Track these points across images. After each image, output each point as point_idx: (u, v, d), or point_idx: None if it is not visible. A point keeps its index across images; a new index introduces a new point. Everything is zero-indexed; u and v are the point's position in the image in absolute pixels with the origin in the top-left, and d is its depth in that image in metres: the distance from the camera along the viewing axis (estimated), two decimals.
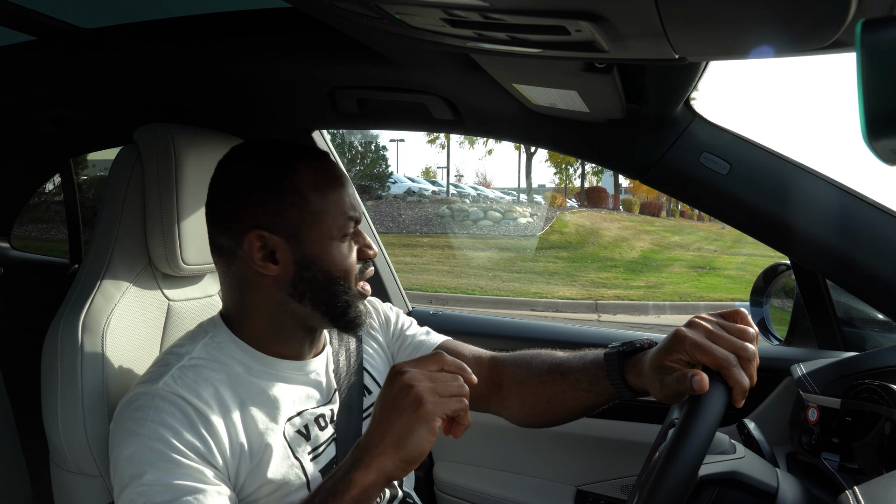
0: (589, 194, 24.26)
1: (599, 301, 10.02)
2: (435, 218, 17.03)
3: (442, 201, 19.03)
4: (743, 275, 12.75)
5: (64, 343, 1.04)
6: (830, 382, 1.18)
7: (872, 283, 1.17)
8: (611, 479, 1.60)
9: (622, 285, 11.62)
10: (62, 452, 1.03)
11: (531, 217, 17.02)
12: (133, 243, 1.17)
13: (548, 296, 10.39)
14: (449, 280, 11.10)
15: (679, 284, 11.76)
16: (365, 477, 0.81)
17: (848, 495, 0.72)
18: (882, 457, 1.02)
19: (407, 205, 18.62)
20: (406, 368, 0.85)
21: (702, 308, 9.68)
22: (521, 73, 1.06)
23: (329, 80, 1.39)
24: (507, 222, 16.49)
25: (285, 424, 0.99)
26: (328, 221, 1.00)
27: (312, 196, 0.99)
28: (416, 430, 0.80)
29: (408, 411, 0.80)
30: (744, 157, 1.23)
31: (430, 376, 0.83)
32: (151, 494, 0.84)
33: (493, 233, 15.89)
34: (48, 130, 1.71)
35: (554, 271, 12.79)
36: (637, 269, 13.41)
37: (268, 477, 0.93)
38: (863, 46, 0.43)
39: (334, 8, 0.86)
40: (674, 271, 13.21)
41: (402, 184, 21.33)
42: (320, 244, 0.99)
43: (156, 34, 1.34)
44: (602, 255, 14.54)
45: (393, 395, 0.82)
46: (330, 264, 1.00)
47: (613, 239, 16.18)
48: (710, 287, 11.53)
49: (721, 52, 0.85)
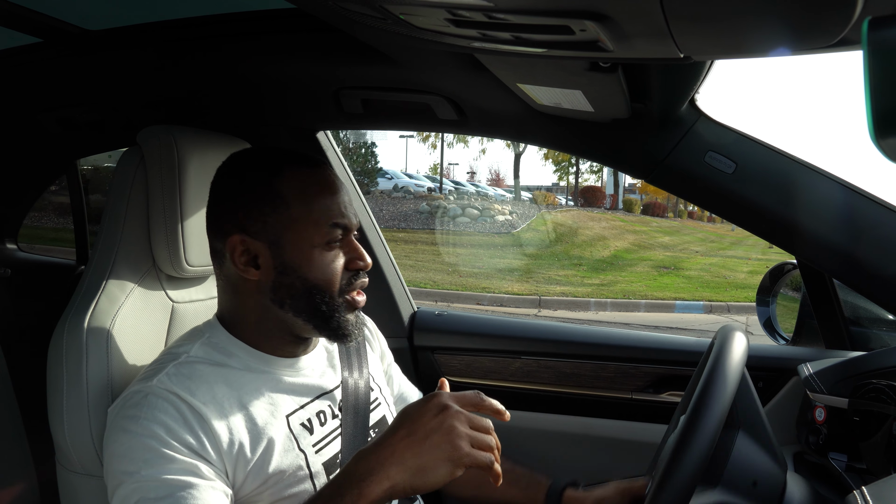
0: (584, 193, 24.22)
1: (543, 297, 10.15)
2: (414, 214, 17.18)
3: (424, 198, 19.08)
4: (702, 275, 12.98)
5: (69, 345, 1.04)
6: (838, 382, 1.18)
7: (879, 282, 1.16)
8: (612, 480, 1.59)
9: (575, 283, 11.77)
10: (67, 453, 1.03)
11: (510, 215, 17.13)
12: (137, 245, 1.18)
13: (495, 290, 10.53)
14: (408, 273, 11.16)
15: (632, 283, 11.86)
16: (375, 491, 0.82)
17: (856, 495, 0.72)
18: (890, 457, 1.01)
19: (391, 200, 18.76)
20: (449, 403, 0.85)
21: (642, 306, 9.92)
22: (526, 72, 1.06)
23: (333, 80, 1.39)
24: (485, 219, 16.62)
25: (287, 419, 1.00)
26: (310, 228, 0.99)
27: (295, 202, 0.99)
28: (439, 469, 0.82)
29: (439, 450, 0.82)
30: (749, 155, 1.22)
31: (470, 419, 0.85)
32: (145, 490, 0.85)
33: (468, 229, 16.01)
34: (54, 132, 1.71)
35: (515, 268, 12.91)
36: (601, 267, 13.53)
37: (270, 471, 0.94)
38: (869, 44, 0.42)
39: (338, 9, 0.87)
40: (636, 270, 13.32)
41: (397, 179, 21.33)
42: (301, 251, 0.99)
43: (161, 35, 1.34)
44: (571, 254, 14.70)
45: (430, 427, 0.83)
46: (309, 272, 0.99)
47: (590, 238, 16.32)
48: (660, 286, 11.64)
49: (726, 51, 0.85)
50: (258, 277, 0.99)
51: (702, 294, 10.93)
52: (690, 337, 1.68)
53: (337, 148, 1.75)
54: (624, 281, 12.11)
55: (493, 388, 1.69)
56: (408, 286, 1.85)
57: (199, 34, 1.33)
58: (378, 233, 1.80)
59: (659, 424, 1.50)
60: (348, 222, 1.02)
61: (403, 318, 1.78)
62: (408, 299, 1.82)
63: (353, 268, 1.02)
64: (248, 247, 0.99)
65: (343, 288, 1.01)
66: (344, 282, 1.01)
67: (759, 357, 1.47)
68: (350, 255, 1.02)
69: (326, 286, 1.00)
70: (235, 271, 1.00)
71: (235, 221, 1.00)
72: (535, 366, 1.66)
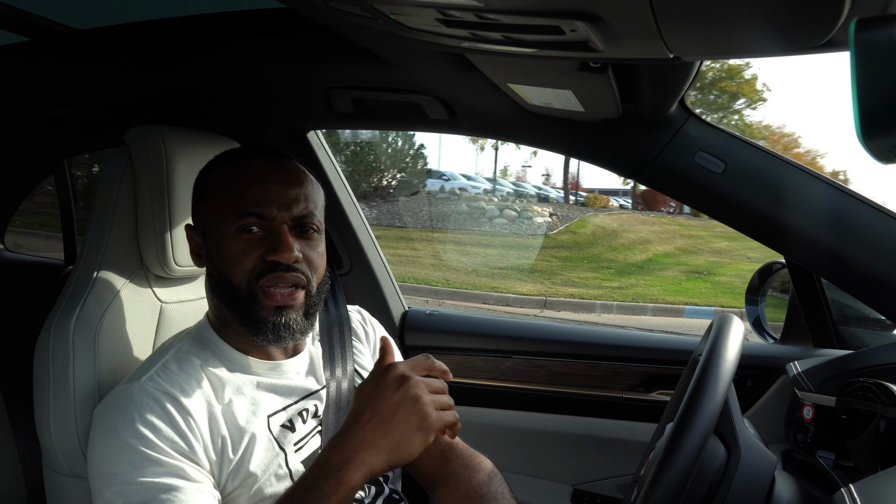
0: (644, 196, 23.76)
1: (550, 298, 10.14)
2: (453, 214, 17.11)
3: (469, 199, 18.99)
4: (733, 281, 12.68)
5: (56, 345, 1.03)
6: (825, 380, 1.19)
7: (867, 281, 1.17)
8: (607, 478, 1.60)
9: (591, 285, 11.61)
10: (54, 454, 1.03)
11: (550, 217, 16.99)
12: (125, 245, 1.17)
13: (504, 290, 10.49)
14: (426, 272, 11.16)
15: (650, 287, 11.72)
16: (354, 478, 0.82)
17: (843, 493, 0.72)
18: (877, 454, 1.02)
19: (436, 201, 18.71)
20: (406, 373, 0.86)
21: (649, 310, 9.88)
22: (517, 72, 1.06)
23: (324, 80, 1.39)
24: (522, 221, 16.49)
25: (268, 419, 1.00)
26: (223, 217, 0.98)
27: (218, 191, 1.01)
28: (413, 440, 0.83)
29: (409, 422, 0.83)
30: (738, 155, 1.23)
31: (428, 384, 0.86)
32: (130, 494, 0.85)
33: (503, 230, 15.91)
34: (42, 131, 1.70)
35: (538, 269, 12.78)
36: (629, 271, 13.31)
37: (250, 469, 0.94)
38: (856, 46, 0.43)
39: (329, 8, 0.86)
40: (663, 275, 13.10)
41: (454, 181, 21.11)
42: (216, 240, 1.00)
43: (150, 35, 1.33)
44: (604, 257, 14.43)
45: (394, 402, 0.84)
46: (220, 261, 0.99)
47: (631, 241, 15.98)
48: (679, 291, 11.49)
49: (715, 51, 0.86)
50: (204, 269, 1.05)
51: (719, 300, 10.76)
52: (681, 336, 1.69)
53: (329, 149, 1.75)
54: (644, 285, 11.93)
55: (484, 387, 1.69)
56: (418, 283, 1.84)
57: (189, 33, 1.32)
58: (369, 233, 1.80)
59: (650, 423, 1.51)
60: (268, 212, 0.97)
61: (394, 317, 1.77)
62: (399, 299, 1.82)
63: (268, 259, 0.97)
64: (193, 238, 1.05)
65: (252, 279, 0.97)
66: (256, 273, 0.97)
67: (747, 356, 1.48)
68: (268, 246, 0.97)
69: (232, 276, 0.97)
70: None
71: (193, 215, 1.07)
72: (526, 365, 1.66)
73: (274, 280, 0.97)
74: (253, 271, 0.97)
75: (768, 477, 0.90)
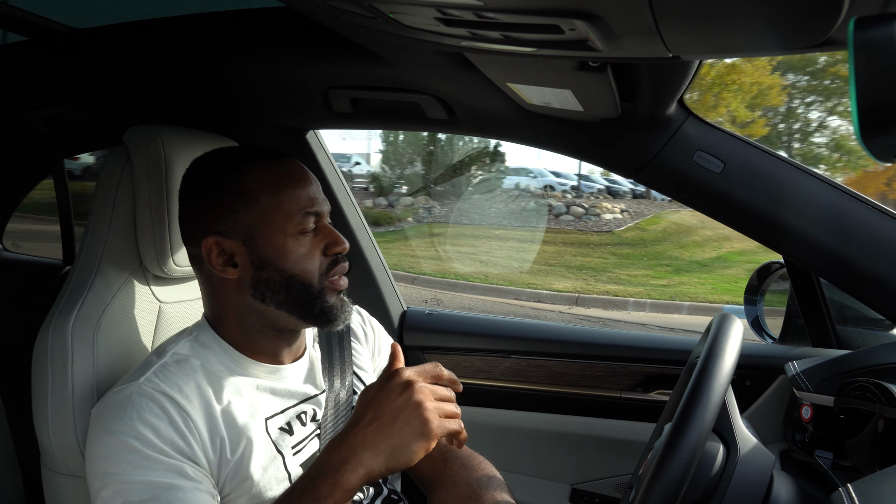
0: None
1: (582, 295, 10.04)
2: (520, 212, 16.90)
3: (536, 196, 18.74)
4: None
5: (54, 345, 1.03)
6: (824, 380, 1.19)
7: (865, 281, 1.17)
8: (606, 478, 1.60)
9: (636, 283, 11.31)
10: (52, 454, 1.02)
11: (620, 214, 16.56)
12: (124, 245, 1.17)
13: (539, 287, 10.40)
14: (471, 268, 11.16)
15: (700, 285, 11.40)
16: (351, 479, 0.82)
17: (841, 493, 0.72)
18: (875, 454, 1.02)
19: (508, 199, 18.30)
20: (411, 378, 0.86)
21: (685, 308, 9.73)
22: (515, 72, 1.06)
23: (323, 79, 1.39)
24: (589, 217, 16.20)
25: (266, 422, 0.99)
26: (281, 219, 0.99)
27: (262, 196, 1.00)
28: (412, 446, 0.83)
29: (409, 428, 0.83)
30: (737, 155, 1.23)
31: (434, 391, 0.86)
32: (129, 493, 0.84)
33: (567, 227, 15.71)
34: (41, 131, 1.70)
35: (588, 266, 12.46)
36: (689, 269, 12.79)
37: (250, 471, 0.94)
38: (856, 44, 0.43)
39: (328, 7, 0.86)
40: (725, 273, 12.58)
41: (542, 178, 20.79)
42: (274, 243, 0.99)
43: (148, 34, 1.33)
44: (667, 254, 14.00)
45: (396, 407, 0.84)
46: (285, 262, 0.99)
47: (706, 239, 15.27)
48: (730, 290, 11.11)
49: (714, 50, 0.86)
50: (237, 275, 1.00)
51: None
52: (680, 336, 1.69)
53: (328, 150, 1.74)
54: (695, 283, 11.62)
55: (483, 387, 1.69)
56: (456, 279, 1.84)
57: (188, 33, 1.32)
58: (368, 233, 1.79)
59: (648, 423, 1.51)
60: (319, 209, 1.02)
61: (393, 317, 1.77)
62: (397, 298, 1.82)
63: (331, 253, 1.02)
64: (223, 247, 1.00)
65: (322, 274, 1.01)
66: (323, 268, 1.01)
67: (746, 355, 1.48)
68: (326, 240, 1.02)
69: (304, 275, 1.00)
70: (214, 273, 1.00)
71: (207, 224, 1.00)
72: (524, 365, 1.66)
73: (339, 271, 1.03)
74: (321, 266, 1.01)
75: (766, 476, 0.90)
